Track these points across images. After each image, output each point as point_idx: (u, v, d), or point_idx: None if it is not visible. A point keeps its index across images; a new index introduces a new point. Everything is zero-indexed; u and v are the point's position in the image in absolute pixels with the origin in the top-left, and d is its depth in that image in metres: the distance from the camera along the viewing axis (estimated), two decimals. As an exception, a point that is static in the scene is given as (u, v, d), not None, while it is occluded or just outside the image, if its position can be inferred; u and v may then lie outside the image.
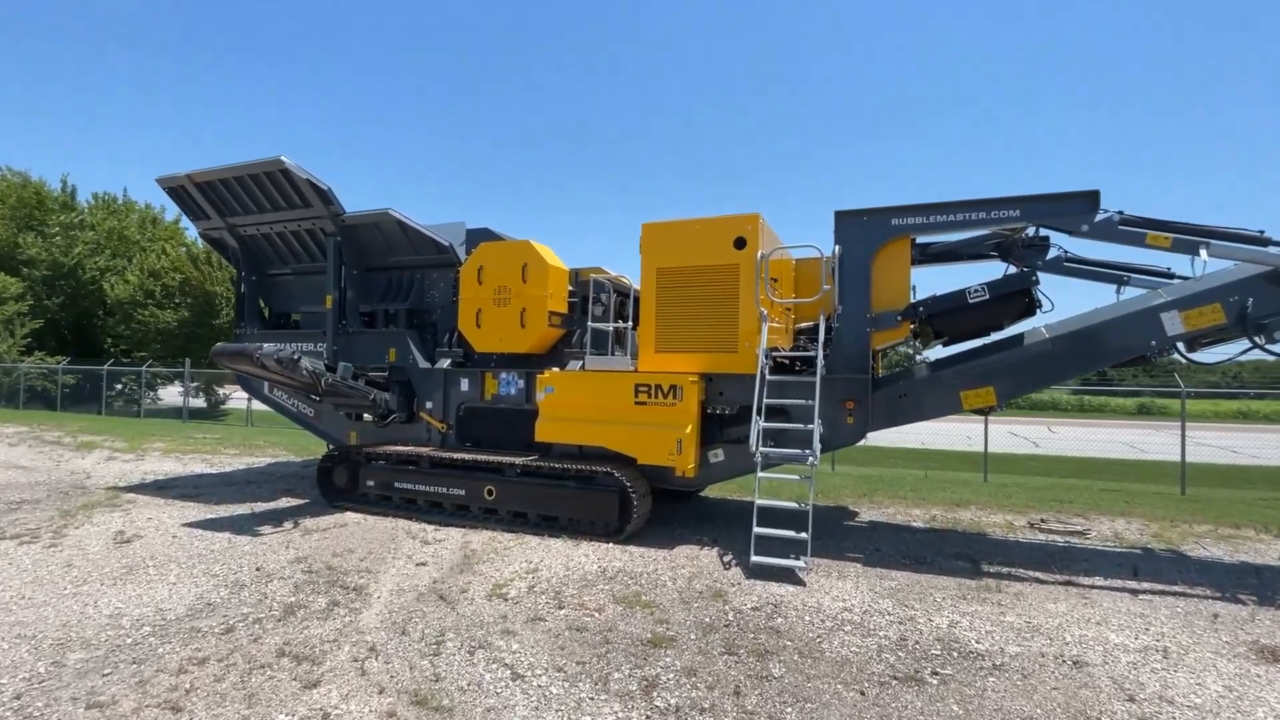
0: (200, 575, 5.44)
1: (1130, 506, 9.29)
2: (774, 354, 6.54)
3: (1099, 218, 5.69)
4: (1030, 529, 7.69)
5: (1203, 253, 5.38)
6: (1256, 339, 5.43)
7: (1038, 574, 5.82)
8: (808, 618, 4.69)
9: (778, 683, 3.71)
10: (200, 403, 25.02)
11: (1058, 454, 17.31)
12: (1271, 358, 5.56)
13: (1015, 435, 22.00)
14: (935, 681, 3.73)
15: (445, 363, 8.32)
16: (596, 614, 4.71)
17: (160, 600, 4.86)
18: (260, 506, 8.15)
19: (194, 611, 4.64)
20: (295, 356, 7.00)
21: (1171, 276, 6.48)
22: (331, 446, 8.99)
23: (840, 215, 6.51)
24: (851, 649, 4.16)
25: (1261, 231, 5.41)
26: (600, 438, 6.91)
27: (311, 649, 4.07)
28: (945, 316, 6.22)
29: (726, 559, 6.13)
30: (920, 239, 6.82)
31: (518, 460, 7.18)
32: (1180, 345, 5.84)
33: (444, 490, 7.50)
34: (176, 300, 24.45)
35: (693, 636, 4.33)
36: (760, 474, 6.07)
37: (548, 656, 4.00)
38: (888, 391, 6.42)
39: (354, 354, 8.64)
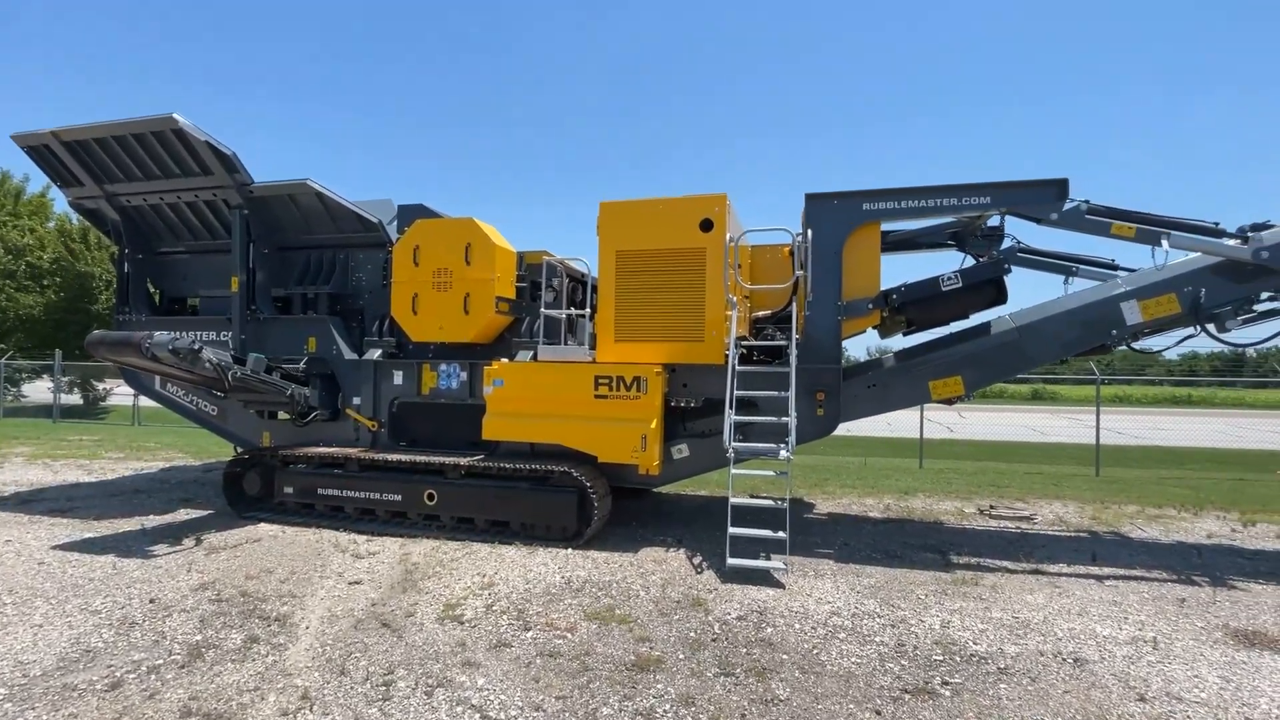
0: (76, 613, 4.47)
1: (1061, 490, 9.71)
2: (743, 343, 6.20)
3: (1067, 206, 5.69)
4: (981, 516, 7.81)
5: (1164, 243, 5.48)
6: (1208, 328, 5.60)
7: (1005, 563, 5.81)
8: (797, 625, 4.37)
9: (785, 706, 3.34)
10: (75, 399, 22.14)
11: (971, 439, 18.26)
12: (1222, 346, 5.77)
13: (930, 421, 23.14)
14: (948, 693, 3.48)
15: (375, 353, 7.46)
16: (569, 634, 4.19)
17: (20, 651, 3.90)
18: (153, 521, 7.02)
19: (67, 663, 3.74)
20: (196, 347, 5.99)
21: (1115, 268, 6.63)
22: (240, 449, 7.92)
23: (810, 198, 6.23)
24: (852, 660, 3.87)
25: (1216, 223, 5.58)
26: (556, 434, 6.34)
27: (227, 703, 3.32)
28: (918, 305, 6.09)
29: (697, 561, 5.75)
30: (884, 225, 6.66)
31: (462, 461, 6.50)
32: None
33: (377, 496, 6.71)
34: (45, 283, 21.45)
35: (681, 656, 3.90)
36: (734, 470, 5.72)
37: (521, 692, 3.46)
38: (858, 381, 6.24)
39: (266, 344, 7.61)
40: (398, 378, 7.39)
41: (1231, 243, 5.45)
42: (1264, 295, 5.56)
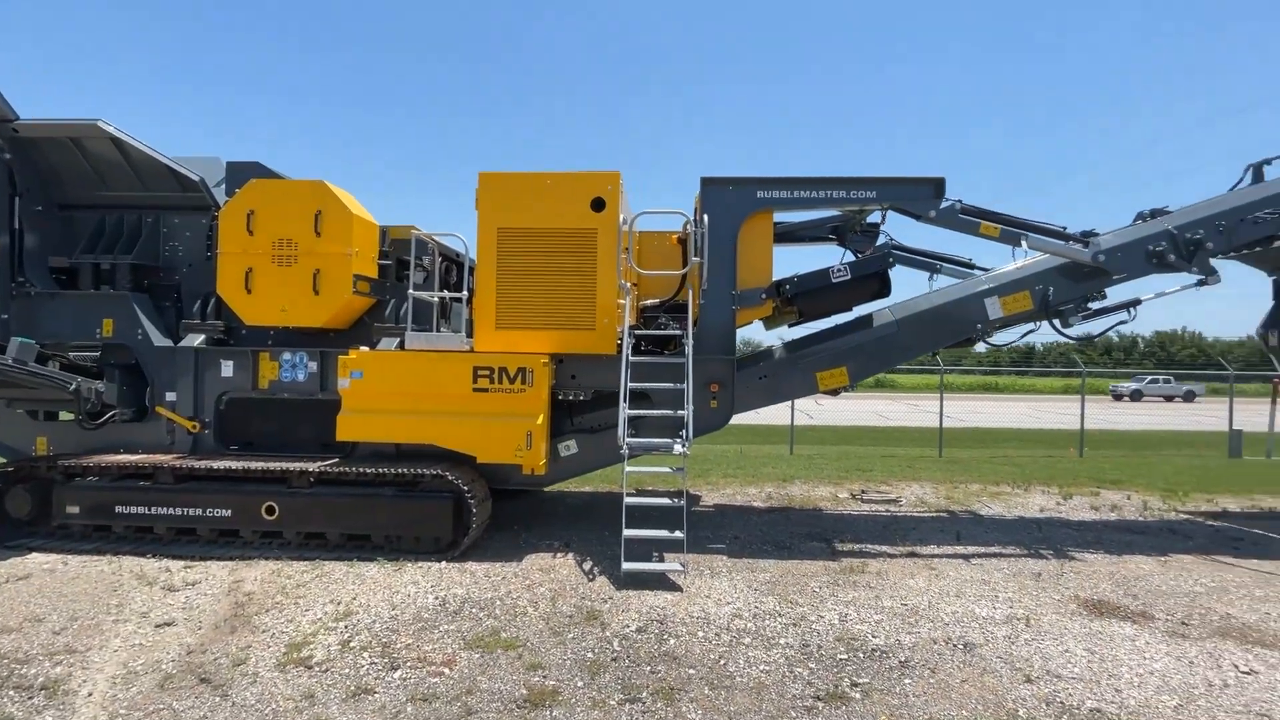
0: None
1: (916, 472, 10.51)
2: (636, 332, 5.85)
3: (944, 205, 5.95)
4: (854, 500, 8.15)
5: (1024, 243, 5.91)
6: (1055, 323, 6.14)
7: (884, 548, 6.01)
8: (700, 633, 4.11)
9: (699, 732, 3.03)
10: None
11: (828, 424, 19.62)
12: (1062, 340, 6.36)
13: (787, 407, 24.65)
14: (858, 695, 3.37)
15: (197, 339, 6.17)
16: (446, 670, 3.59)
17: None
18: None
19: None
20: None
21: (972, 266, 7.12)
22: (2, 459, 6.24)
23: (707, 182, 6.01)
24: (761, 668, 3.66)
25: (1064, 227, 6.11)
26: (427, 433, 5.60)
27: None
28: (808, 295, 6.10)
29: (588, 567, 5.33)
30: (776, 216, 6.62)
31: (312, 466, 5.55)
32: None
33: (199, 512, 5.54)
34: None
35: (579, 683, 3.46)
36: (629, 468, 5.35)
37: (389, 754, 2.84)
38: (750, 373, 6.14)
39: (40, 325, 6.04)
40: (227, 369, 6.17)
41: (1077, 246, 6.00)
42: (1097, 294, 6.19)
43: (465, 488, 5.41)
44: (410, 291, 5.99)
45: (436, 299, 6.32)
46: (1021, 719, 3.19)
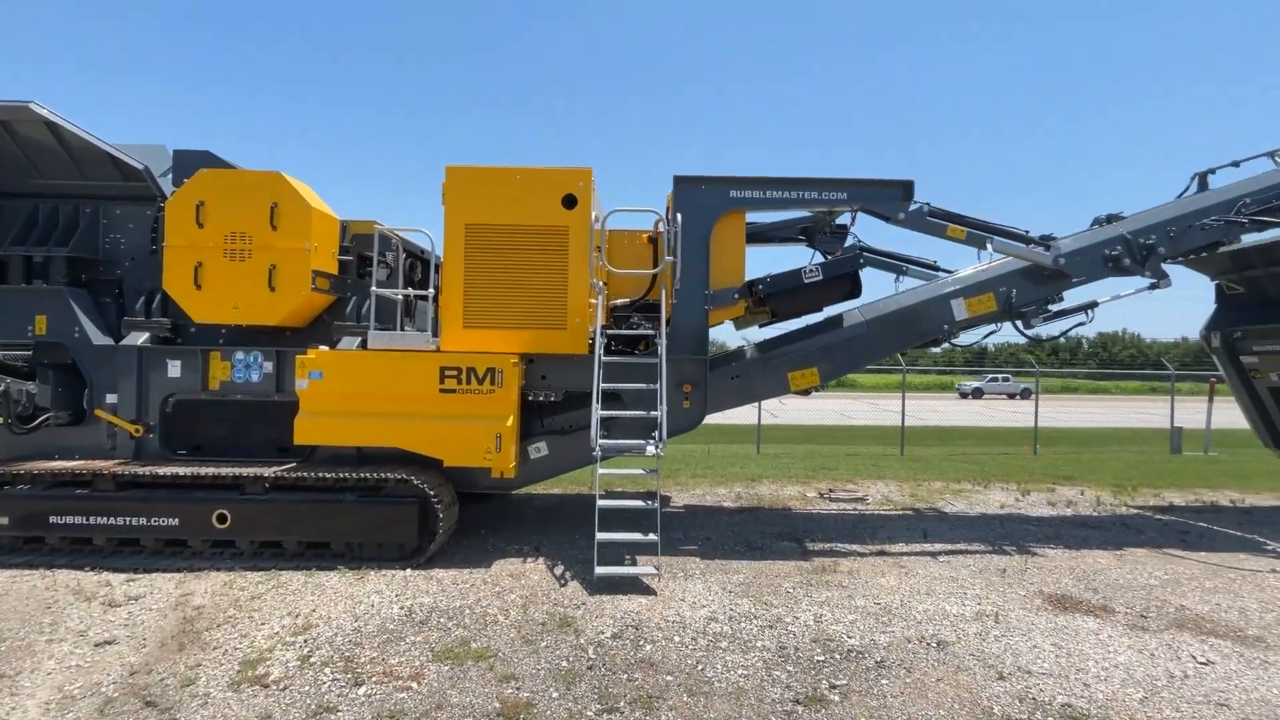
0: None
1: (879, 470, 10.69)
2: (607, 332, 5.75)
3: (912, 207, 6.02)
4: (822, 499, 8.22)
5: (989, 246, 6.03)
6: (1017, 324, 6.29)
7: (854, 546, 6.05)
8: (676, 638, 4.04)
9: (680, 742, 2.96)
10: None
11: (792, 424, 19.87)
12: (1013, 340, 6.52)
13: (754, 406, 24.90)
14: (837, 697, 3.35)
15: (140, 338, 5.82)
16: (414, 684, 3.43)
17: None
18: None
19: None
20: None
21: (937, 268, 7.25)
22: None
23: (680, 180, 5.95)
24: (739, 672, 3.61)
25: (1027, 231, 6.26)
26: (392, 436, 5.39)
27: None
28: (781, 296, 6.10)
29: (560, 572, 5.21)
30: (749, 216, 6.60)
31: (268, 471, 5.28)
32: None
33: (143, 521, 5.21)
34: None
35: (555, 694, 3.36)
36: (602, 470, 5.26)
37: (355, 777, 2.68)
38: (722, 373, 6.11)
39: (-37, 322, 5.59)
40: (174, 369, 5.83)
41: (1039, 249, 6.15)
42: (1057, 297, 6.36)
43: (431, 492, 5.23)
44: (373, 289, 5.77)
45: (401, 297, 6.10)
46: (997, 716, 3.22)
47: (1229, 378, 7.89)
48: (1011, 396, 39.18)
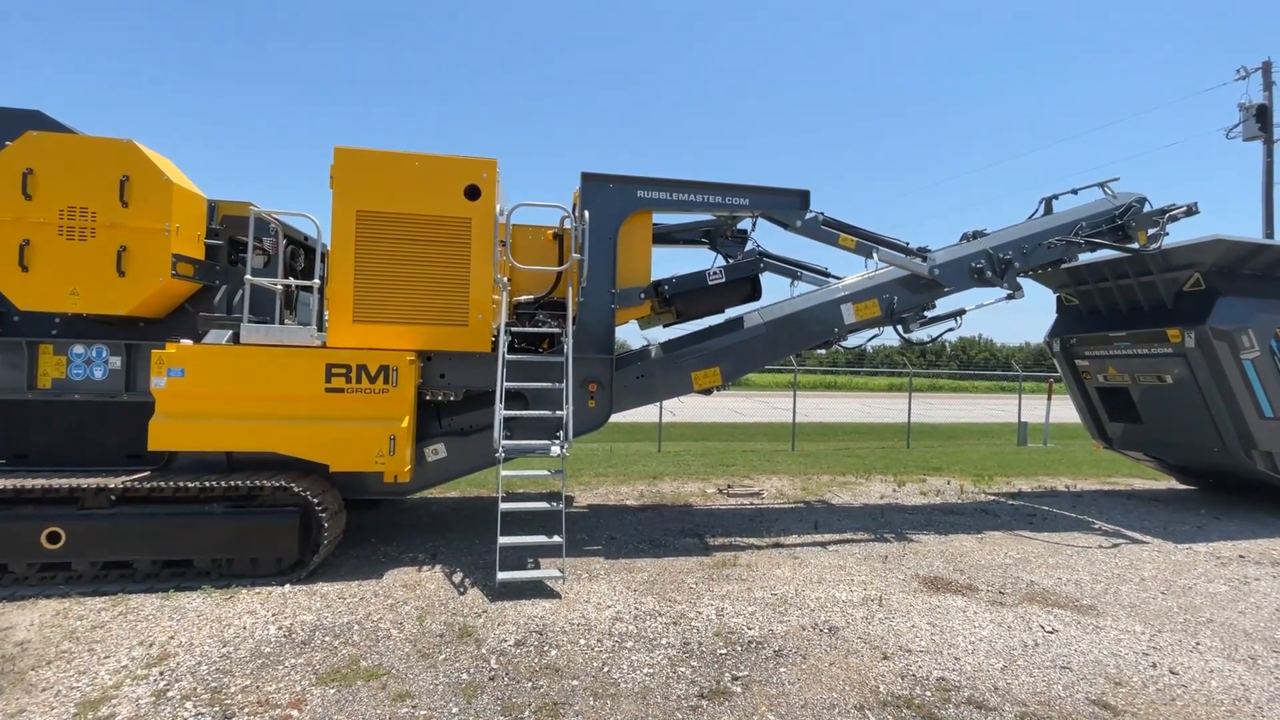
0: None
1: (773, 465, 11.19)
2: (512, 329, 5.58)
3: (808, 216, 6.33)
4: (721, 495, 8.48)
5: (875, 255, 6.46)
6: (898, 329, 6.79)
7: (752, 540, 6.28)
8: (582, 641, 3.98)
9: (588, 748, 2.91)
10: None
11: (689, 421, 20.41)
12: (889, 343, 7.05)
13: (656, 405, 25.35)
14: (739, 689, 3.45)
15: (-54, 327, 4.91)
16: (295, 713, 3.14)
17: None
18: None
19: None
20: None
21: (827, 275, 7.70)
22: None
23: (587, 177, 5.88)
24: (645, 671, 3.62)
25: (907, 243, 6.77)
26: (269, 440, 4.91)
27: None
28: (686, 296, 6.20)
29: (458, 579, 4.99)
30: (655, 218, 6.66)
31: (114, 482, 4.63)
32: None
33: (-53, 545, 4.39)
34: None
35: (454, 710, 3.19)
36: (505, 472, 5.08)
37: (225, 824, 2.39)
38: (627, 372, 6.12)
39: None
40: (-8, 364, 4.97)
41: (917, 260, 6.68)
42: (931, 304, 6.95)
43: (315, 500, 4.82)
44: (247, 277, 5.21)
45: (281, 287, 5.57)
46: (883, 694, 3.44)
47: (1065, 378, 9.02)
48: None
